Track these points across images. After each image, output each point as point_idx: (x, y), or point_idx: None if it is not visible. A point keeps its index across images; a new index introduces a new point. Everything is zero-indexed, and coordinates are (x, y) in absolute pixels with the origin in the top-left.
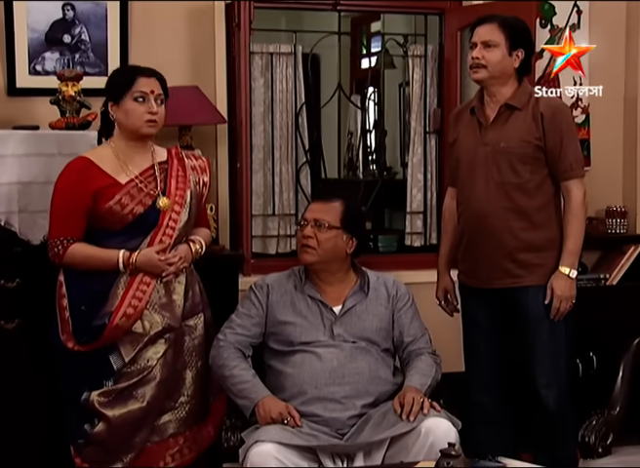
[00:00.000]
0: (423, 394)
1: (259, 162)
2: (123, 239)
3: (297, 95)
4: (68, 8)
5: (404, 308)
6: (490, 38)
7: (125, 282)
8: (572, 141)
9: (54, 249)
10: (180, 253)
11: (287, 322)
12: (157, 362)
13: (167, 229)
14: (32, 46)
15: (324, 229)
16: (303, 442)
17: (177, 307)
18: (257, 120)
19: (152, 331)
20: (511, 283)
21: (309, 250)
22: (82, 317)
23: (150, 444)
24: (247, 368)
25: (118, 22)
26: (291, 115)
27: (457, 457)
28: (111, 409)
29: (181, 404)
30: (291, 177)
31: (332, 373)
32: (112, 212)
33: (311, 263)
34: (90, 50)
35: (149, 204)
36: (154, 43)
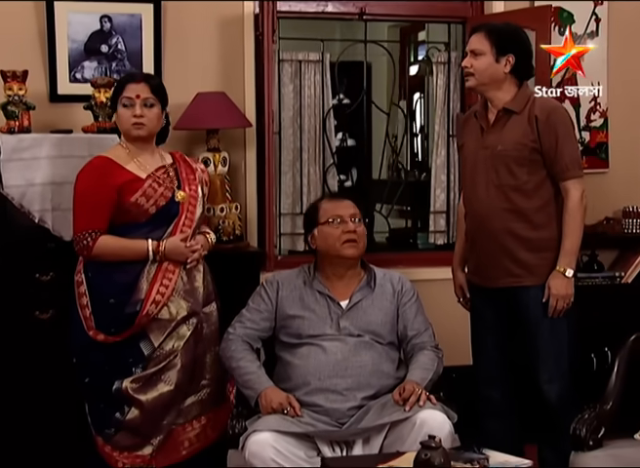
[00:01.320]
0: (423, 387)
1: (288, 163)
2: (147, 230)
3: (324, 100)
4: (106, 20)
5: (409, 303)
6: (476, 47)
7: (150, 272)
8: (568, 142)
9: (82, 241)
10: (201, 242)
11: (296, 315)
12: (182, 346)
13: (186, 220)
14: (72, 55)
15: (361, 224)
16: (301, 430)
17: (199, 294)
18: (286, 124)
19: (179, 316)
20: (512, 282)
21: (355, 244)
22: (111, 309)
23: (176, 426)
24: (253, 360)
25: (152, 33)
26: (319, 119)
27: (436, 449)
28: (144, 394)
29: (203, 386)
30: (318, 178)
31: (335, 366)
32: (137, 204)
33: (355, 257)
34: (126, 59)
35: (169, 197)
36: (186, 51)
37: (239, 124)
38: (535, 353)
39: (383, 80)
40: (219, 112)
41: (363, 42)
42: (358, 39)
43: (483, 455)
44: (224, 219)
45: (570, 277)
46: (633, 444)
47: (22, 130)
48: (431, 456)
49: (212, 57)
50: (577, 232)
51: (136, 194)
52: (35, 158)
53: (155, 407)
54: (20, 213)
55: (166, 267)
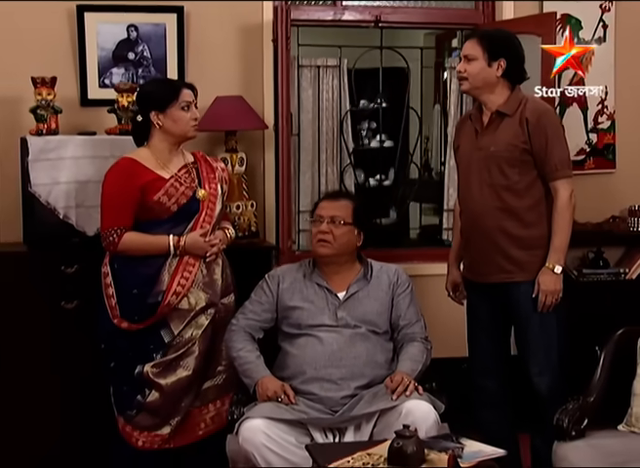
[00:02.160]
0: (413, 379)
1: (307, 163)
2: (169, 226)
3: (341, 103)
4: (132, 29)
5: (403, 294)
6: (469, 52)
7: (171, 265)
8: (557, 144)
9: (109, 238)
10: (219, 237)
11: (296, 307)
12: (200, 335)
13: (206, 216)
14: (101, 63)
15: (339, 225)
16: (292, 417)
17: (217, 286)
18: (305, 126)
19: (198, 306)
20: (504, 278)
21: (326, 244)
22: (134, 299)
23: (193, 408)
24: (252, 349)
25: (175, 41)
26: (336, 122)
27: (409, 438)
28: (164, 379)
29: (219, 372)
30: (336, 178)
31: (331, 356)
32: (160, 203)
33: (327, 256)
34: (151, 65)
35: (190, 195)
36: (207, 58)
37: (255, 126)
38: (525, 346)
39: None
40: (236, 115)
41: (379, 48)
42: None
43: (459, 444)
44: (240, 216)
45: (558, 273)
46: (615, 434)
47: (50, 132)
48: (404, 445)
49: (232, 62)
50: (565, 230)
51: (158, 193)
52: (61, 158)
53: (174, 390)
54: (46, 209)
55: (186, 261)
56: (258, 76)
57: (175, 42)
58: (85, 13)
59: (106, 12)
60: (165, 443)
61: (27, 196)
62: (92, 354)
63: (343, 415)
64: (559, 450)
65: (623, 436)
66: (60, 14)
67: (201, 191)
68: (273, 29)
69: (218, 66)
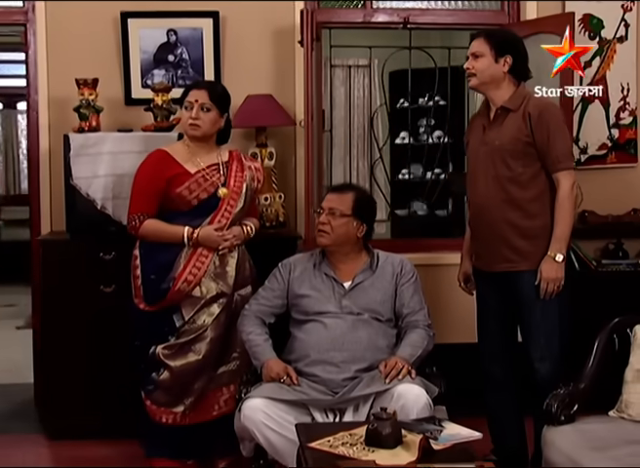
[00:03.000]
0: (411, 363)
1: (339, 158)
2: (189, 218)
3: (372, 100)
4: (172, 33)
5: (407, 284)
6: (477, 49)
7: (187, 254)
8: (559, 137)
9: (132, 222)
10: (234, 232)
11: (304, 295)
12: (212, 322)
13: (224, 213)
14: (144, 65)
15: (337, 217)
16: (292, 397)
17: (229, 277)
18: (337, 122)
19: (208, 295)
20: (508, 267)
21: (324, 234)
22: (151, 283)
23: (209, 390)
24: (261, 333)
25: (212, 44)
26: (367, 118)
27: (386, 420)
28: (173, 361)
29: (234, 358)
30: (367, 171)
31: (334, 341)
32: (181, 196)
33: (326, 246)
34: (189, 67)
35: (212, 191)
36: (242, 59)
37: (284, 122)
38: (528, 333)
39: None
40: (265, 112)
41: (408, 48)
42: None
43: (439, 427)
44: (268, 207)
45: (560, 261)
46: (604, 420)
47: (91, 129)
48: (379, 426)
49: (265, 63)
50: (567, 220)
51: (181, 187)
52: (99, 153)
53: (182, 372)
54: (86, 201)
55: (200, 252)
56: (289, 76)
57: (211, 45)
58: (128, 19)
59: (148, 18)
60: (181, 420)
61: (70, 188)
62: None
63: (342, 397)
64: (547, 434)
65: (612, 421)
66: (105, 20)
67: (223, 190)
68: (300, 31)
69: (251, 67)
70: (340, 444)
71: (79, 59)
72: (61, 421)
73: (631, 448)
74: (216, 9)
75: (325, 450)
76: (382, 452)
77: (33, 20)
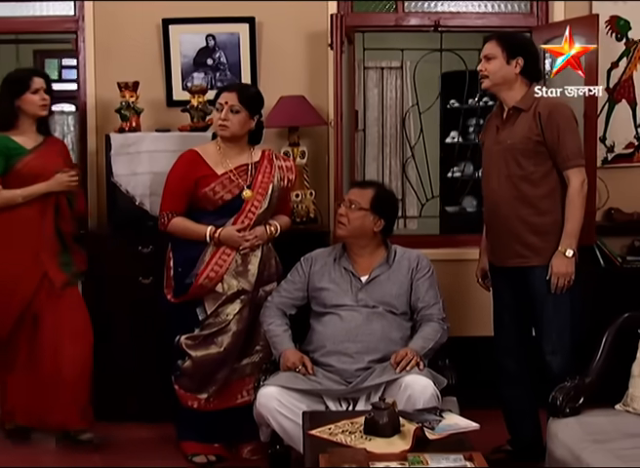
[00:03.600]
0: (422, 356)
1: (373, 156)
2: (213, 218)
3: (404, 101)
4: (210, 38)
5: (422, 278)
6: (489, 52)
7: (211, 251)
8: (568, 135)
9: (161, 219)
10: (256, 233)
11: (323, 288)
12: (234, 317)
13: (248, 214)
14: (184, 68)
15: (355, 210)
16: (305, 386)
17: (251, 275)
18: (371, 122)
19: (229, 291)
20: (521, 262)
21: (341, 225)
22: (178, 277)
23: (233, 380)
24: (280, 324)
25: (248, 48)
26: (399, 118)
27: (383, 410)
28: (195, 351)
29: (257, 351)
30: (399, 169)
31: (348, 332)
32: (207, 196)
33: (342, 237)
34: (227, 70)
35: (236, 193)
36: (277, 62)
37: (315, 122)
38: (540, 327)
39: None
40: (297, 113)
41: (439, 51)
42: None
43: (438, 418)
44: (299, 204)
45: (570, 257)
46: (609, 413)
47: (131, 129)
48: (376, 415)
49: (299, 66)
50: (577, 216)
51: (206, 188)
52: (138, 152)
53: (203, 362)
54: (126, 197)
55: (223, 250)
56: (323, 78)
57: (247, 48)
58: (169, 25)
59: (188, 24)
60: (205, 405)
61: (111, 185)
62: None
63: (353, 387)
64: (551, 426)
65: (617, 415)
66: (148, 27)
67: (247, 192)
68: (330, 35)
69: (286, 69)
70: (340, 431)
71: (124, 64)
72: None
73: (632, 440)
74: (252, 14)
75: (323, 437)
76: (379, 441)
77: (83, 28)
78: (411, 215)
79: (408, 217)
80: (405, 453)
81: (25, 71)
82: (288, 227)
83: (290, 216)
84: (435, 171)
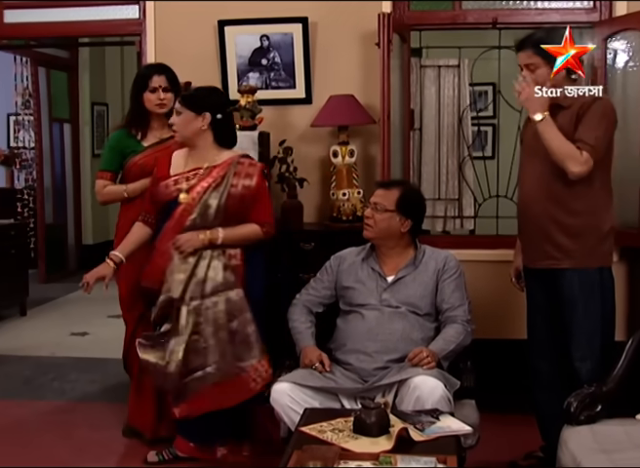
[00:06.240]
0: (441, 357)
1: (430, 155)
2: (160, 218)
3: (460, 99)
4: (264, 39)
5: (448, 280)
6: (530, 61)
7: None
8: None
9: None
10: (185, 237)
11: (349, 287)
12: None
13: (180, 218)
14: (239, 68)
15: (380, 211)
16: (319, 384)
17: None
18: (428, 121)
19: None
20: (551, 264)
21: (368, 227)
22: None
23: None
24: (304, 321)
25: (302, 47)
26: (456, 117)
27: (372, 409)
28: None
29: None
30: (455, 169)
31: (369, 331)
32: (151, 196)
33: (369, 239)
34: (281, 69)
35: (175, 196)
36: (330, 62)
37: (363, 121)
38: (569, 331)
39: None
40: (346, 111)
41: (497, 48)
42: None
43: (433, 420)
44: (345, 202)
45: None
46: (626, 423)
47: None
48: (364, 415)
49: (352, 64)
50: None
51: (153, 188)
52: None
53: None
54: None
55: None
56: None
57: (301, 48)
58: (225, 27)
59: (243, 25)
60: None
61: None
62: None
63: (367, 386)
64: (564, 434)
65: (634, 424)
66: (205, 29)
67: (182, 196)
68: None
69: (339, 68)
70: (329, 429)
71: (183, 65)
72: None
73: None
74: (305, 14)
75: (309, 434)
76: (364, 440)
77: (146, 31)
78: (468, 216)
79: (464, 218)
80: (379, 454)
81: (149, 69)
82: (255, 236)
83: (266, 225)
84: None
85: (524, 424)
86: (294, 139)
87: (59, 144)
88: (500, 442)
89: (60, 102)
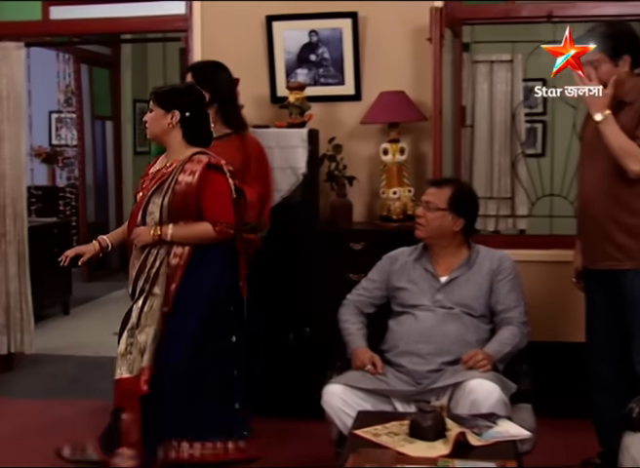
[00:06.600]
0: (497, 360)
1: (482, 153)
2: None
3: (513, 95)
4: (313, 34)
5: (503, 280)
6: (593, 58)
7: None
8: None
9: None
10: (137, 232)
11: (401, 287)
12: None
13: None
14: (288, 64)
15: (432, 210)
16: (372, 386)
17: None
18: (480, 118)
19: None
20: (611, 265)
21: (420, 226)
22: None
23: None
24: (355, 322)
25: (351, 43)
26: (509, 113)
27: (428, 413)
28: None
29: None
30: (508, 166)
31: (422, 333)
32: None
33: (421, 238)
34: (330, 65)
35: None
36: (380, 57)
37: (414, 118)
38: (630, 334)
39: None
40: (396, 108)
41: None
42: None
43: (490, 424)
44: (395, 201)
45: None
46: None
47: None
48: (420, 418)
49: (403, 60)
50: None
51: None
52: None
53: None
54: None
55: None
56: (426, 73)
57: (350, 44)
58: (273, 22)
59: (291, 20)
60: None
61: None
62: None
63: (420, 389)
64: (626, 440)
65: None
66: (252, 24)
67: (140, 194)
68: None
69: (390, 64)
70: (384, 433)
71: (230, 61)
72: None
73: None
74: (354, 9)
75: (364, 437)
76: (420, 444)
77: (192, 26)
78: (521, 214)
79: (517, 217)
80: (437, 458)
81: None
82: (207, 235)
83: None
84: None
85: (581, 429)
86: (342, 137)
87: (100, 142)
88: (556, 448)
89: (102, 100)
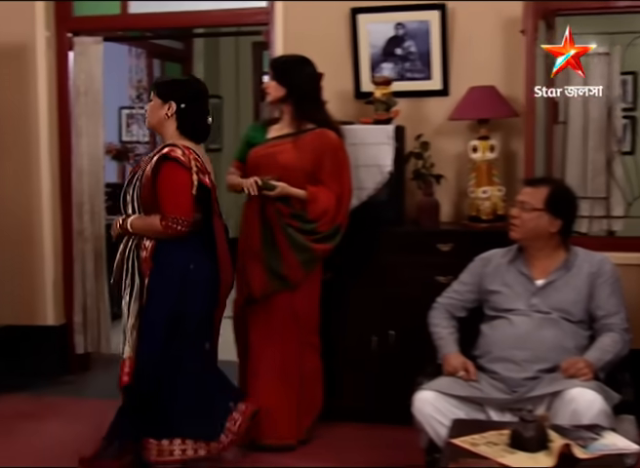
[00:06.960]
0: (598, 368)
1: (576, 151)
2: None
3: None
4: (399, 27)
5: (603, 285)
6: None
7: None
8: None
9: None
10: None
11: (495, 291)
12: None
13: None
14: (373, 58)
15: (528, 210)
16: (465, 393)
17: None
18: (573, 113)
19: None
20: None
21: (514, 228)
22: None
23: None
24: (446, 326)
25: (439, 36)
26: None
27: (529, 422)
28: None
29: None
30: (603, 165)
31: (517, 338)
32: None
33: (516, 240)
34: (417, 59)
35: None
36: (470, 51)
37: (505, 114)
38: None
39: None
40: (487, 104)
41: None
42: None
43: (595, 436)
44: (485, 201)
45: None
46: None
47: None
48: (521, 428)
49: (493, 54)
50: None
51: None
52: None
53: None
54: None
55: None
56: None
57: (438, 37)
58: (358, 15)
59: (376, 12)
60: None
61: None
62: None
63: (516, 396)
64: None
65: None
66: (336, 17)
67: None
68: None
69: (479, 58)
70: (483, 442)
71: (313, 55)
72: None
73: None
74: (442, 1)
75: (463, 447)
76: (521, 455)
77: (274, 20)
78: (616, 215)
79: (613, 217)
80: None
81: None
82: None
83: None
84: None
85: None
86: (429, 134)
87: None
88: None
89: None
